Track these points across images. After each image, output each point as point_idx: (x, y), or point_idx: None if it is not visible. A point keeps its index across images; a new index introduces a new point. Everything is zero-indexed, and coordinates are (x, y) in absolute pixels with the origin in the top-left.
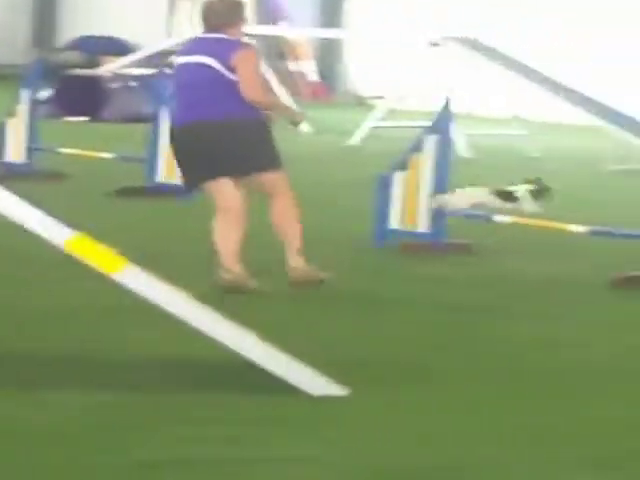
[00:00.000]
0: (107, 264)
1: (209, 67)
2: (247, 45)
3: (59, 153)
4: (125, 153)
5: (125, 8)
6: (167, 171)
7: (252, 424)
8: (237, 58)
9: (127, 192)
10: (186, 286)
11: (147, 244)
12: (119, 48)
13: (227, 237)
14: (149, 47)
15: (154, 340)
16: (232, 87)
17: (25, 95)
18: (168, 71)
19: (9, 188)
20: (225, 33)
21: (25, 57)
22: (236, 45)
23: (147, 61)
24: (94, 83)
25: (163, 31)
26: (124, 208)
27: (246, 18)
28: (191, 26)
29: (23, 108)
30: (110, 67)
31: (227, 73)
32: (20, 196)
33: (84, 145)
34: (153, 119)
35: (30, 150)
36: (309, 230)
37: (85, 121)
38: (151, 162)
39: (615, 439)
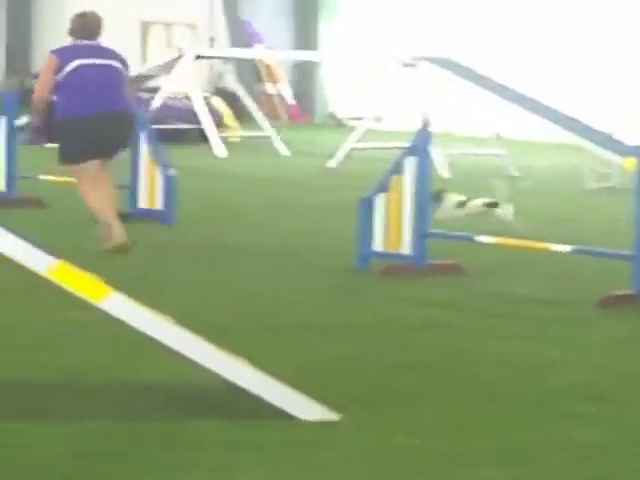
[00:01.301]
0: (92, 292)
1: (116, 69)
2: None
3: (39, 180)
4: None
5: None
6: (148, 196)
7: (241, 450)
8: (125, 64)
9: None
10: (170, 312)
11: (132, 270)
12: None
13: (106, 201)
14: None
15: (139, 367)
16: (125, 86)
17: (3, 122)
18: (144, 96)
19: None
20: (97, 41)
21: (1, 84)
22: (119, 52)
23: None
24: None
25: (137, 56)
26: None
27: None
28: (165, 50)
29: (1, 136)
30: None
31: (125, 74)
32: (0, 224)
33: (64, 171)
34: (131, 145)
35: (10, 178)
36: (292, 254)
37: None
38: (133, 187)
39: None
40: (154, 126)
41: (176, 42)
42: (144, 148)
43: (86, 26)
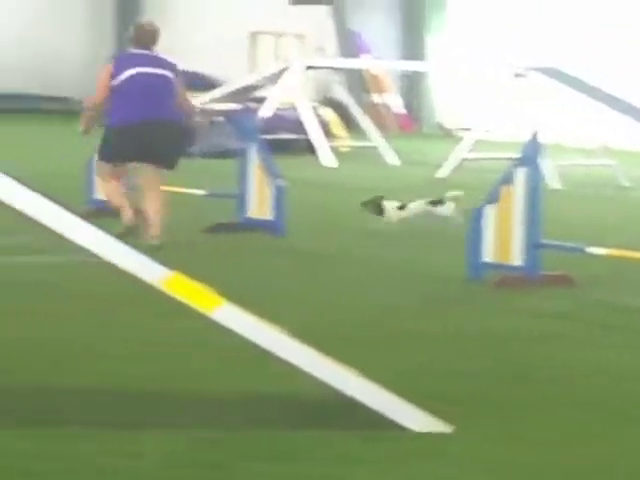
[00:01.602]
0: (204, 302)
1: (166, 78)
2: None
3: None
4: (214, 189)
5: (208, 43)
6: (258, 206)
7: (352, 461)
8: (176, 72)
9: (219, 228)
10: (279, 322)
11: (241, 281)
12: (204, 83)
13: (116, 190)
14: (233, 82)
15: (250, 377)
16: (174, 94)
17: None
18: (253, 106)
19: (100, 226)
20: (152, 50)
21: None
22: (172, 61)
23: (232, 96)
24: None
25: (246, 66)
26: (217, 244)
27: None
28: (273, 60)
29: None
30: (196, 102)
31: (175, 83)
32: (111, 234)
33: (173, 181)
34: (241, 154)
35: None
36: (403, 264)
37: None
38: (242, 198)
39: None
40: (263, 136)
41: (284, 52)
42: (254, 158)
43: (142, 36)
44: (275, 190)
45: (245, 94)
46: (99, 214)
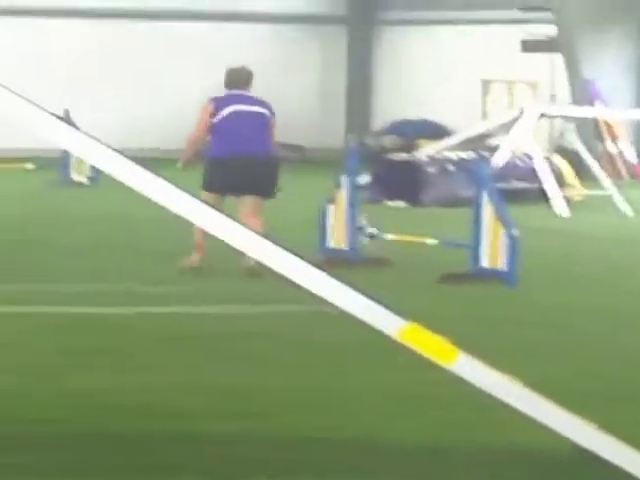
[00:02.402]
0: (441, 354)
1: (263, 115)
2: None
3: (382, 239)
4: (446, 238)
5: (439, 91)
6: (491, 256)
7: None
8: (271, 111)
9: (452, 278)
10: (517, 375)
11: (475, 331)
12: (435, 131)
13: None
14: (465, 130)
15: (484, 431)
16: (271, 131)
17: (345, 181)
18: (486, 154)
19: (334, 275)
20: (248, 91)
21: (341, 142)
22: (265, 100)
23: (464, 144)
24: (412, 167)
25: (478, 114)
26: (450, 295)
27: None
28: (505, 108)
29: (343, 194)
30: (427, 151)
31: (271, 120)
32: (345, 283)
33: (405, 230)
34: (474, 203)
35: (353, 237)
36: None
37: (404, 205)
38: (475, 247)
39: None
40: (496, 185)
41: (516, 100)
42: (487, 207)
43: (236, 78)
44: (508, 239)
45: (478, 142)
46: (332, 263)
